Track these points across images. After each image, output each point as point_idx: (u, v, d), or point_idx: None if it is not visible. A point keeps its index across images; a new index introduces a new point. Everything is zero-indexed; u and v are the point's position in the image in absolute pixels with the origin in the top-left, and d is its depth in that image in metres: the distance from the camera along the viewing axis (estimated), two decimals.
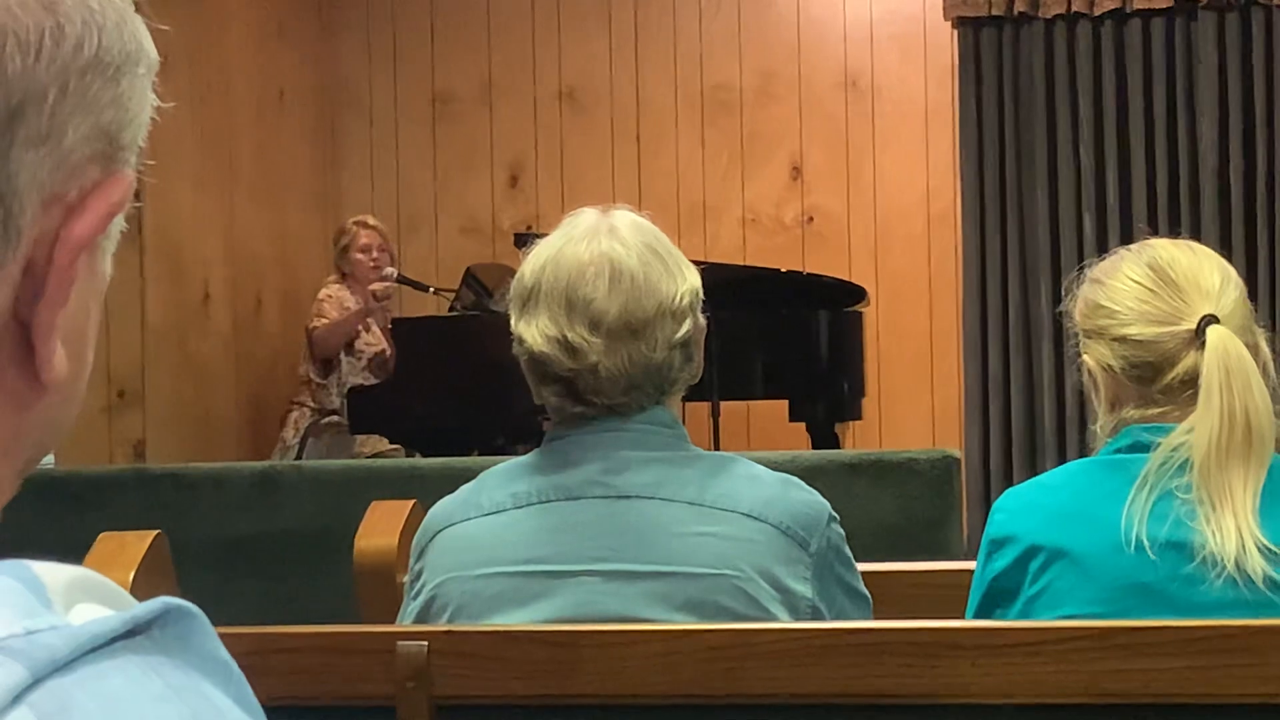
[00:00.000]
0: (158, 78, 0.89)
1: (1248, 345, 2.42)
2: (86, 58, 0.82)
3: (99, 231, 0.83)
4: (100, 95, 0.83)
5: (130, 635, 0.71)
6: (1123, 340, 2.48)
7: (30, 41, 0.79)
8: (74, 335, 0.85)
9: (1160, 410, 2.46)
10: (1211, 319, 2.43)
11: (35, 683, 0.67)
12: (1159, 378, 2.46)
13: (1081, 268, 2.64)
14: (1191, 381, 2.41)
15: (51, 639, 0.68)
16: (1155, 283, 2.49)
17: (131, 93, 0.86)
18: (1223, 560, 2.31)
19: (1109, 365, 2.51)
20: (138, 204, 0.89)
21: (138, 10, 0.87)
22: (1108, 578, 2.37)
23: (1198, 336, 2.43)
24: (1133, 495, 2.37)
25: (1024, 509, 2.51)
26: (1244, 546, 2.31)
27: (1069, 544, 2.41)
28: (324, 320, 7.84)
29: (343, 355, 7.91)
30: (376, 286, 7.84)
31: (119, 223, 0.87)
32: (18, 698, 0.66)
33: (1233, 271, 2.53)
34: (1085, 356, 2.56)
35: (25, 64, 0.79)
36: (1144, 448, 2.41)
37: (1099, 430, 2.57)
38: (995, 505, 2.57)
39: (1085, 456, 2.61)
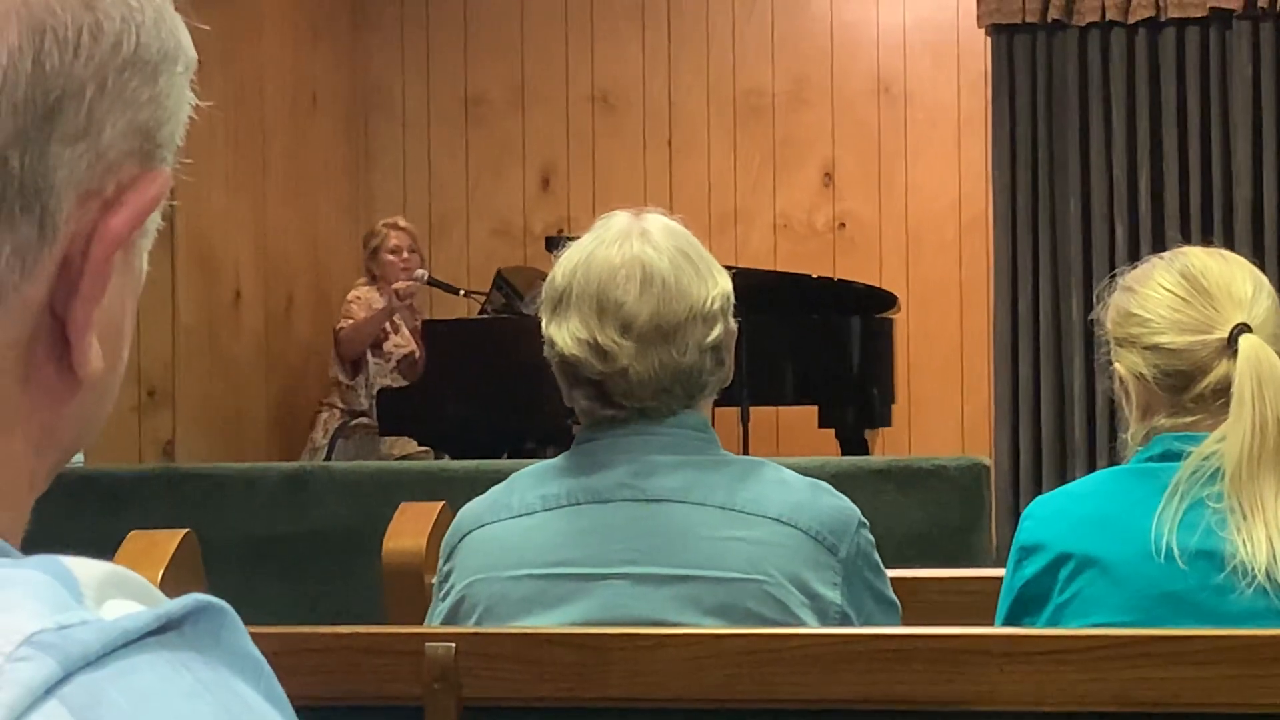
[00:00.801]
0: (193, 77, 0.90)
1: None
2: (125, 55, 0.82)
3: (135, 227, 0.84)
4: (138, 93, 0.83)
5: (161, 631, 0.71)
6: (1154, 349, 2.48)
7: (69, 39, 0.79)
8: (109, 331, 0.85)
9: (1192, 419, 2.45)
10: (1244, 328, 2.42)
11: (66, 677, 0.67)
12: (1191, 386, 2.45)
13: (1113, 276, 2.64)
14: (1223, 390, 2.41)
15: (83, 634, 0.68)
16: (1187, 291, 2.48)
17: (169, 90, 0.86)
18: (1253, 569, 2.30)
19: (1140, 374, 2.50)
20: (172, 202, 0.89)
21: (176, 9, 0.88)
22: (1138, 586, 2.36)
23: (1230, 345, 2.42)
24: (1163, 504, 2.36)
25: (1054, 516, 2.50)
26: (1275, 556, 2.30)
27: (1099, 552, 2.40)
28: (350, 321, 7.86)
29: (370, 356, 7.92)
30: (400, 285, 7.83)
31: (155, 220, 0.88)
32: (49, 691, 0.67)
33: (1265, 280, 2.52)
34: (1117, 365, 2.56)
35: (64, 61, 0.79)
36: (1175, 456, 2.41)
37: (1130, 439, 2.57)
38: (1025, 512, 2.57)
39: (1116, 465, 2.60)
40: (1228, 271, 2.51)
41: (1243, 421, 2.35)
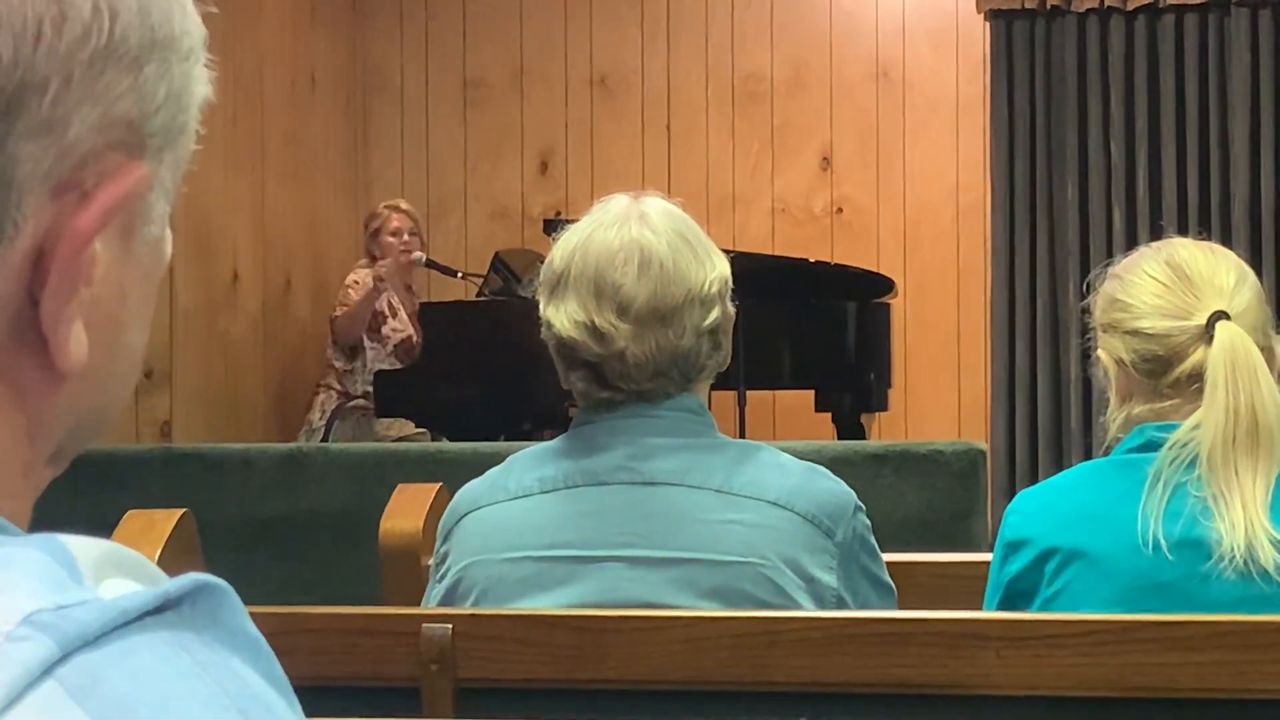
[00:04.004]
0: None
1: (1261, 348, 2.41)
2: (95, 47, 0.80)
3: (104, 224, 0.81)
4: (113, 85, 0.81)
5: (160, 610, 0.71)
6: (1135, 334, 2.49)
7: (27, 30, 0.77)
8: (102, 321, 0.84)
9: (1168, 404, 2.46)
10: (1221, 315, 2.43)
11: (64, 657, 0.67)
12: (1168, 372, 2.46)
13: (1105, 265, 2.65)
14: (1199, 376, 2.42)
15: (81, 613, 0.68)
16: (1171, 278, 2.49)
17: (159, 79, 0.84)
18: (1235, 554, 2.30)
19: (1121, 359, 2.51)
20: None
21: None
22: (1126, 578, 2.37)
23: (1207, 331, 2.43)
24: (1146, 494, 2.37)
25: (1039, 511, 2.51)
26: (1255, 540, 2.30)
27: (1086, 544, 2.41)
28: (345, 308, 7.84)
29: (366, 342, 7.90)
30: (379, 270, 7.77)
31: (161, 206, 0.86)
32: (47, 671, 0.66)
33: (1251, 274, 2.53)
34: (1100, 351, 2.57)
35: (20, 53, 0.77)
36: (1156, 446, 2.41)
37: (1108, 423, 2.57)
38: (1009, 508, 2.57)
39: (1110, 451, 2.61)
40: (1212, 262, 2.52)
41: (1216, 407, 2.36)
